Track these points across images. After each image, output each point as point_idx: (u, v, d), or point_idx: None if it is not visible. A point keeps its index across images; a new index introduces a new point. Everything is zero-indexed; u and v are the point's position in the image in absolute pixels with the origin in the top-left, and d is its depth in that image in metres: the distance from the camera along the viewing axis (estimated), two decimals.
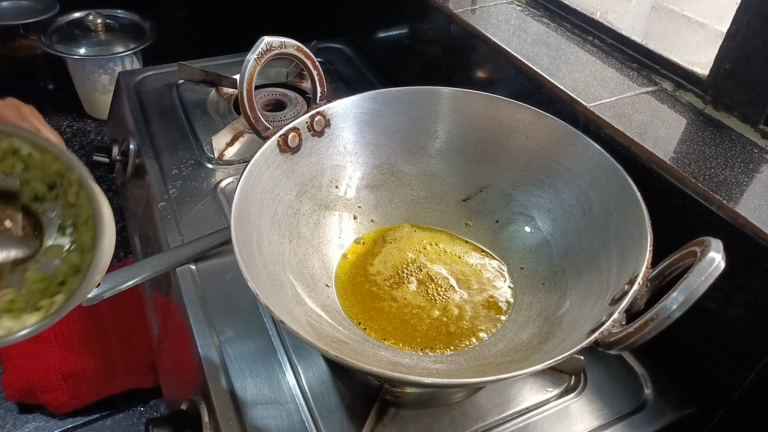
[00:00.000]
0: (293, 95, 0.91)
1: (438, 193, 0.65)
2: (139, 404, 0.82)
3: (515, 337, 0.53)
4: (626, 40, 0.70)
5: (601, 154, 0.55)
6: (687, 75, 0.63)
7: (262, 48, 0.55)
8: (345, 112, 0.61)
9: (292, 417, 0.50)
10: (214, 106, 0.91)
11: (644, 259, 0.44)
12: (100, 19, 1.36)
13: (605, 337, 0.40)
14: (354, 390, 0.53)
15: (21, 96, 0.52)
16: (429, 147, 0.65)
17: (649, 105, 0.61)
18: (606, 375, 0.56)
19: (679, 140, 0.56)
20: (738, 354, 0.51)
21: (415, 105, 0.63)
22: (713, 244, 0.39)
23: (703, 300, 0.38)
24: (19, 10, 1.46)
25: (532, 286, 0.58)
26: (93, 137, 1.43)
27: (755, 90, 0.56)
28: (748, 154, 0.55)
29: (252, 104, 0.56)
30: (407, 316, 0.56)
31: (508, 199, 0.63)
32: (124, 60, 1.35)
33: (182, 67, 0.94)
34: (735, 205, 0.48)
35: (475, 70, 0.78)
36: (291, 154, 0.58)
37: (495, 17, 0.78)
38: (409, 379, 0.42)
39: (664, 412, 0.53)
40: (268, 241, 0.53)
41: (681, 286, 0.38)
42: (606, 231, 0.53)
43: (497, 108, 0.62)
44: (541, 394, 0.54)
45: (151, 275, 0.61)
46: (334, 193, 0.63)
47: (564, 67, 0.67)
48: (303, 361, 0.55)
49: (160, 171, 0.77)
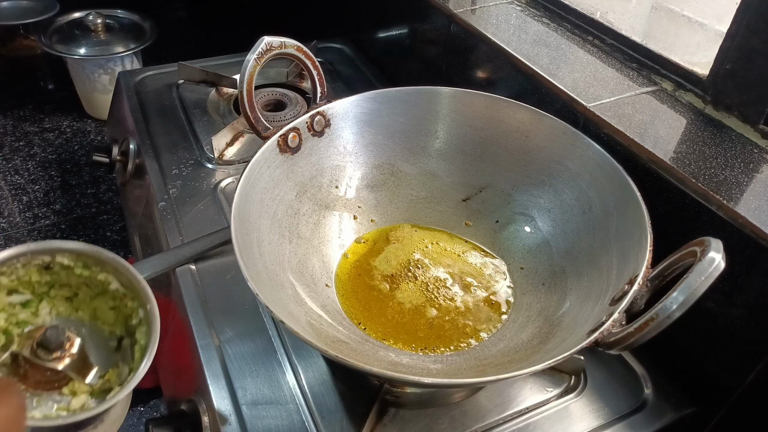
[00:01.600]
0: (293, 95, 0.91)
1: (438, 193, 0.65)
2: (139, 404, 0.82)
3: (515, 337, 0.53)
4: (626, 40, 0.70)
5: (601, 154, 0.55)
6: (687, 75, 0.63)
7: (262, 48, 0.55)
8: (345, 112, 0.61)
9: (292, 417, 0.50)
10: (214, 106, 0.91)
11: (644, 259, 0.44)
12: (100, 19, 1.36)
13: (605, 337, 0.40)
14: (354, 390, 0.53)
15: (21, 96, 0.52)
16: (429, 147, 0.65)
17: (649, 105, 0.61)
18: (606, 375, 0.56)
19: (679, 140, 0.56)
20: (738, 354, 0.51)
21: (415, 105, 0.63)
22: (713, 244, 0.39)
23: (703, 300, 0.38)
24: (19, 10, 1.46)
25: (532, 286, 0.58)
26: (93, 137, 1.43)
27: (755, 90, 0.56)
28: (748, 154, 0.55)
29: (252, 104, 0.56)
30: (407, 316, 0.56)
31: (508, 199, 0.63)
32: (124, 60, 1.36)
33: (182, 67, 0.94)
34: (735, 205, 0.48)
35: (475, 70, 0.78)
36: (291, 154, 0.58)
37: (495, 17, 0.78)
38: (409, 379, 0.42)
39: (664, 412, 0.53)
40: (268, 241, 0.53)
41: (681, 286, 0.38)
42: (606, 231, 0.53)
43: (497, 108, 0.62)
44: (541, 394, 0.54)
45: (151, 275, 0.61)
46: (334, 193, 0.63)
47: (564, 67, 0.67)
48: (303, 361, 0.55)
49: (160, 171, 0.77)
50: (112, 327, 0.48)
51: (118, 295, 0.47)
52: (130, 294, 0.46)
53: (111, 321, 0.48)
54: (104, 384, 0.45)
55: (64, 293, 0.47)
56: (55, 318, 0.46)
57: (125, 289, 0.46)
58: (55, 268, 0.46)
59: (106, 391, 0.44)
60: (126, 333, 0.48)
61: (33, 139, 1.40)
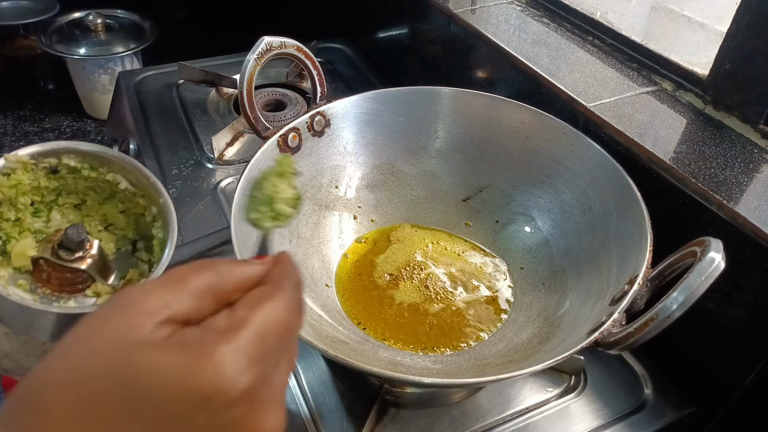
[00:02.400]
0: (293, 95, 0.91)
1: (438, 193, 0.65)
2: None
3: (515, 337, 0.53)
4: (626, 40, 0.70)
5: (601, 154, 0.55)
6: (687, 75, 0.63)
7: (262, 48, 0.55)
8: (345, 112, 0.61)
9: (292, 417, 0.50)
10: (214, 106, 0.91)
11: (644, 259, 0.44)
12: (100, 19, 1.36)
13: (605, 337, 0.40)
14: (354, 390, 0.53)
15: (21, 96, 0.52)
16: (429, 147, 0.65)
17: (649, 105, 0.61)
18: (606, 375, 0.56)
19: (679, 140, 0.56)
20: (738, 354, 0.51)
21: (415, 105, 0.63)
22: (713, 244, 0.39)
23: (703, 300, 0.38)
24: (19, 10, 1.46)
25: (532, 286, 0.58)
26: (93, 137, 1.43)
27: (755, 90, 0.56)
28: (748, 154, 0.55)
29: (252, 104, 0.56)
30: (407, 316, 0.56)
31: (508, 199, 0.63)
32: (124, 60, 1.36)
33: (182, 67, 0.94)
34: (735, 205, 0.48)
35: (475, 70, 0.78)
36: (291, 154, 0.58)
37: (495, 17, 0.78)
38: (409, 379, 0.42)
39: (664, 412, 0.53)
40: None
41: (681, 286, 0.38)
42: (606, 231, 0.53)
43: (497, 108, 0.62)
44: (541, 394, 0.54)
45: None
46: (334, 193, 0.63)
47: (564, 67, 0.67)
48: (303, 361, 0.55)
49: (160, 171, 0.77)
50: (124, 231, 0.48)
51: (128, 196, 0.47)
52: (140, 192, 0.46)
53: (123, 225, 0.48)
54: (126, 284, 0.45)
55: (72, 200, 0.47)
56: (69, 224, 0.46)
57: (135, 187, 0.46)
58: (62, 172, 0.45)
59: None
60: (139, 236, 0.48)
61: (33, 139, 1.40)
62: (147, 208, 0.47)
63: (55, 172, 0.45)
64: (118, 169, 0.46)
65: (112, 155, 0.45)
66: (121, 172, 0.46)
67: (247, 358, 0.22)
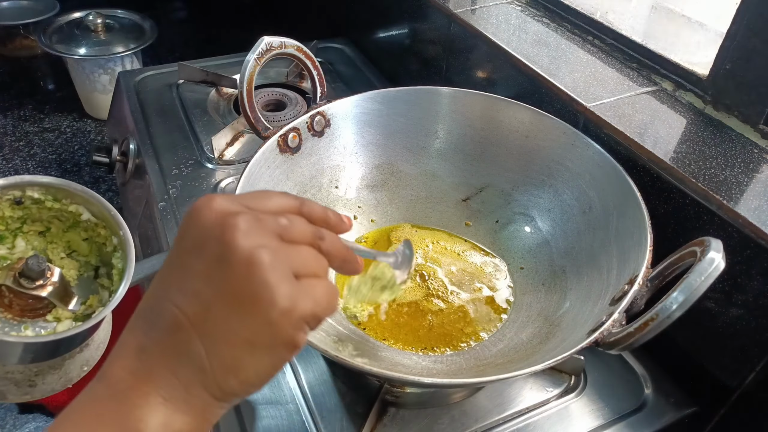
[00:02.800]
0: (293, 95, 0.91)
1: (438, 193, 0.65)
2: None
3: (515, 337, 0.53)
4: (626, 40, 0.70)
5: (601, 154, 0.55)
6: (687, 75, 0.63)
7: (262, 48, 0.55)
8: (345, 112, 0.61)
9: (292, 417, 0.50)
10: (214, 106, 0.91)
11: (644, 259, 0.44)
12: (100, 19, 1.36)
13: (605, 337, 0.40)
14: (354, 390, 0.53)
15: (21, 96, 0.53)
16: (429, 147, 0.65)
17: (649, 105, 0.61)
18: (606, 375, 0.56)
19: (679, 140, 0.56)
20: (738, 354, 0.51)
21: (415, 105, 0.63)
22: (713, 244, 0.39)
23: (703, 300, 0.38)
24: (19, 10, 1.46)
25: (532, 286, 0.58)
26: (93, 137, 1.43)
27: (755, 90, 0.56)
28: (748, 154, 0.55)
29: (252, 104, 0.56)
30: (407, 316, 0.56)
31: (508, 199, 0.63)
32: (124, 60, 1.36)
33: (182, 67, 0.94)
34: (735, 205, 0.48)
35: (475, 70, 0.78)
36: (291, 154, 0.58)
37: (495, 17, 0.78)
38: (409, 379, 0.42)
39: (664, 412, 0.53)
40: None
41: (681, 286, 0.38)
42: (606, 231, 0.53)
43: (497, 108, 0.62)
44: (541, 394, 0.54)
45: (151, 275, 0.61)
46: (334, 193, 0.63)
47: (564, 67, 0.67)
48: (303, 361, 0.55)
49: (160, 171, 0.77)
50: (87, 257, 0.50)
51: (90, 226, 0.49)
52: (101, 223, 0.48)
53: (86, 252, 0.50)
54: (86, 310, 0.47)
55: (36, 228, 0.49)
56: (32, 252, 0.48)
57: (97, 218, 0.48)
58: (26, 203, 0.47)
59: (89, 316, 0.46)
60: (101, 262, 0.50)
61: (33, 139, 1.40)
62: (108, 238, 0.49)
63: (20, 203, 0.47)
64: (81, 200, 0.48)
65: (75, 188, 0.47)
66: (84, 203, 0.48)
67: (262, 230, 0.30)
